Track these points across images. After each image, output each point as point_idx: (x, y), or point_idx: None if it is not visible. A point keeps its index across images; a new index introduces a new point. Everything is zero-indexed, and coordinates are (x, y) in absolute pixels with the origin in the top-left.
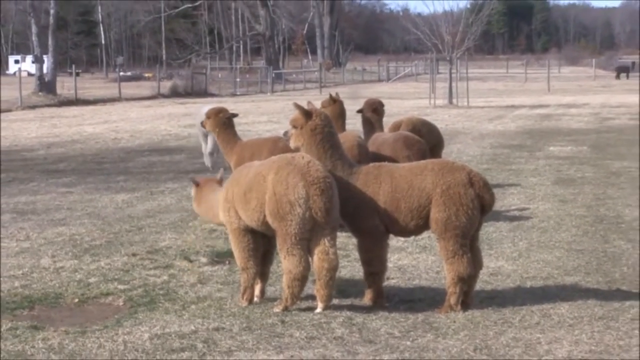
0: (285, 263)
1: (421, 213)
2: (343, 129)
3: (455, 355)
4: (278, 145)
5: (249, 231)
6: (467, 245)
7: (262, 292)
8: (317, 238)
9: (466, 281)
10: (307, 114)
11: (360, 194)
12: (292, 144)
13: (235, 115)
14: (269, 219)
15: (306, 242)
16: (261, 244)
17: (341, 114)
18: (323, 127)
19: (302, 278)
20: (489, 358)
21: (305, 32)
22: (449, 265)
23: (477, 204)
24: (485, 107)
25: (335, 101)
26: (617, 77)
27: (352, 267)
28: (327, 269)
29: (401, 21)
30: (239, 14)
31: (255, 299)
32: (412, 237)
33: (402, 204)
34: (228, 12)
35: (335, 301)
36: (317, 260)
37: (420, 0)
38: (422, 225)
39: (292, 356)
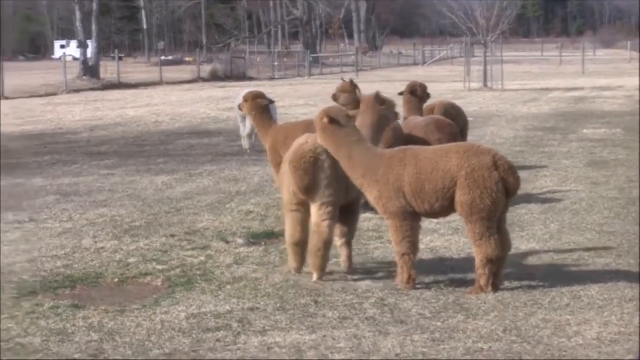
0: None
1: (445, 195)
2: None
3: (485, 336)
4: (311, 129)
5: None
6: (494, 227)
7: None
8: (310, 211)
9: (495, 262)
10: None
11: (385, 176)
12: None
13: (272, 102)
14: None
15: (297, 213)
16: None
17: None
18: None
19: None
20: (518, 339)
21: (342, 16)
22: (477, 248)
23: (502, 187)
24: (519, 90)
25: (356, 87)
26: None
27: (384, 249)
28: (316, 240)
29: (436, 6)
30: (277, 0)
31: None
32: (445, 219)
33: (427, 185)
34: None
35: (367, 282)
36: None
37: None
38: (448, 206)
39: (324, 336)
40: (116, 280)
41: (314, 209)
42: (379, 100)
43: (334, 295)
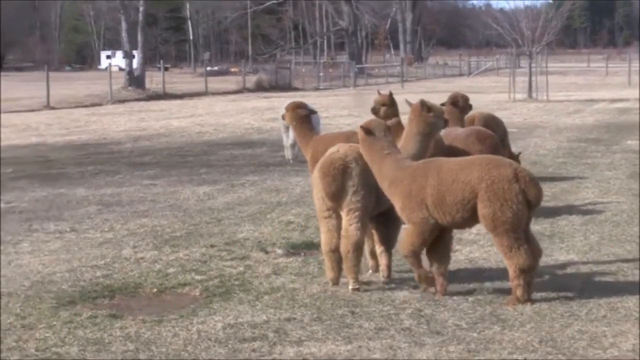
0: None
1: (466, 206)
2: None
3: (521, 347)
4: (351, 140)
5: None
6: (521, 237)
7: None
8: (341, 217)
9: (528, 272)
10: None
11: (409, 188)
12: None
13: (313, 112)
14: None
15: (331, 220)
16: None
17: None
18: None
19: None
20: (554, 350)
21: (387, 27)
22: (508, 260)
23: (522, 199)
24: (564, 101)
25: (393, 100)
26: None
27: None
28: (345, 244)
29: (482, 16)
30: (322, 10)
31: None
32: (485, 231)
33: (447, 196)
34: (312, 9)
35: (405, 293)
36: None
37: None
38: (469, 218)
39: (360, 347)
40: (155, 290)
41: (343, 214)
42: (426, 107)
43: (370, 305)
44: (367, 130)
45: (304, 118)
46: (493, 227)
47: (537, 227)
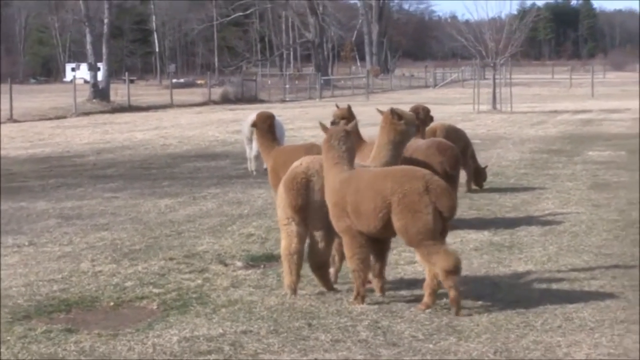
0: None
1: (378, 215)
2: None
3: (476, 357)
4: (311, 152)
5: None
6: (438, 242)
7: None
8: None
9: (456, 272)
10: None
11: (335, 195)
12: None
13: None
14: None
15: (290, 226)
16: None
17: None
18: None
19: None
20: None
21: (354, 39)
22: (433, 267)
23: (433, 210)
24: (528, 112)
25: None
26: None
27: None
28: (310, 262)
29: (447, 28)
30: (289, 22)
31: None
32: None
33: (361, 205)
34: (278, 21)
35: (362, 305)
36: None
37: (469, 0)
38: (384, 227)
39: (315, 359)
40: (111, 303)
41: (310, 231)
42: (396, 115)
43: (327, 317)
44: (326, 139)
45: (267, 128)
46: (408, 240)
47: (497, 238)
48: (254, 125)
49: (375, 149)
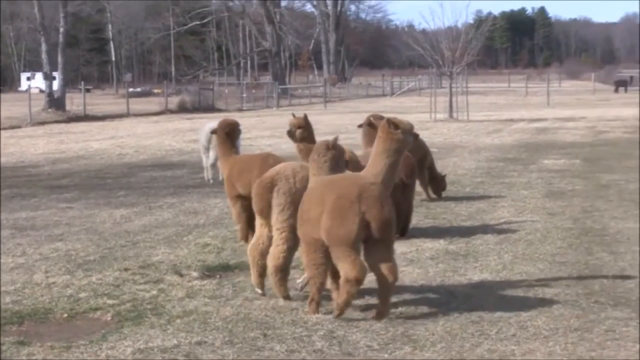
0: None
1: (320, 220)
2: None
3: None
4: (267, 162)
5: None
6: (352, 250)
7: None
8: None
9: (355, 284)
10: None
11: (300, 205)
12: None
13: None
14: None
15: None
16: None
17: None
18: None
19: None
20: None
21: (311, 47)
22: (339, 269)
23: (360, 220)
24: (484, 120)
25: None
26: (616, 90)
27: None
28: (269, 265)
29: (404, 37)
30: (246, 31)
31: None
32: (399, 251)
33: (310, 212)
34: (235, 29)
35: (317, 315)
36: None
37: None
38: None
39: None
40: (65, 315)
41: (273, 234)
42: (393, 125)
43: (283, 327)
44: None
45: (225, 137)
46: (328, 240)
47: (452, 246)
48: (213, 131)
49: (371, 158)
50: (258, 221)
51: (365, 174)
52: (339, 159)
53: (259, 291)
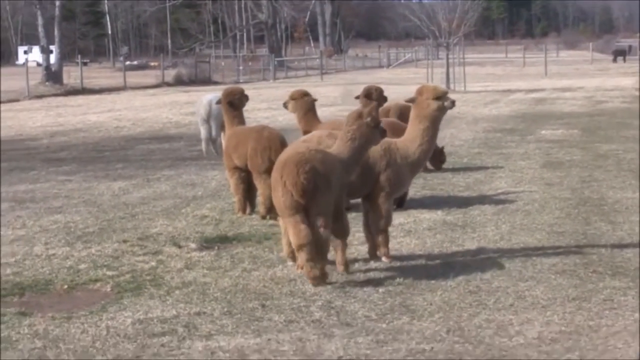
0: None
1: None
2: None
3: (429, 337)
4: (263, 135)
5: None
6: (292, 217)
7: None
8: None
9: (300, 249)
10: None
11: None
12: None
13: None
14: None
15: None
16: None
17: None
18: None
19: None
20: (461, 339)
21: (307, 20)
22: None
23: (282, 187)
24: (481, 91)
25: (306, 95)
26: (614, 60)
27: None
28: None
29: (400, 8)
30: (242, 3)
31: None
32: (397, 222)
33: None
34: (231, 2)
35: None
36: None
37: None
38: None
39: (269, 339)
40: (65, 286)
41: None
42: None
43: (281, 298)
44: None
45: (235, 105)
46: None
47: (450, 217)
48: (218, 102)
49: (409, 124)
50: None
51: (402, 140)
52: (372, 129)
53: (290, 262)
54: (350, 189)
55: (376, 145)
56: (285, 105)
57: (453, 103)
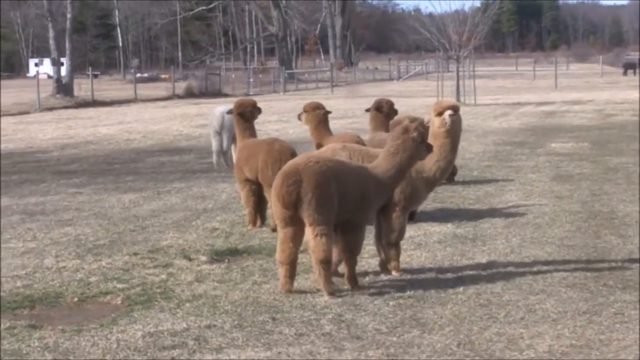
0: None
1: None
2: (328, 131)
3: (439, 350)
4: (274, 147)
5: None
6: (282, 230)
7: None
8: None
9: (284, 264)
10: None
11: None
12: None
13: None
14: None
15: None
16: None
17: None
18: None
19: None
20: (471, 353)
21: (317, 32)
22: None
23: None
24: (491, 104)
25: (318, 107)
26: (625, 73)
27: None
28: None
29: (410, 21)
30: (252, 16)
31: None
32: (408, 235)
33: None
34: (242, 14)
35: (326, 298)
36: None
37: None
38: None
39: (279, 353)
40: (76, 299)
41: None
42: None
43: (291, 311)
44: None
45: (245, 118)
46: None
47: (460, 230)
48: (229, 112)
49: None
50: None
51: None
52: (418, 145)
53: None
54: None
55: (422, 160)
56: (299, 117)
57: (450, 116)
